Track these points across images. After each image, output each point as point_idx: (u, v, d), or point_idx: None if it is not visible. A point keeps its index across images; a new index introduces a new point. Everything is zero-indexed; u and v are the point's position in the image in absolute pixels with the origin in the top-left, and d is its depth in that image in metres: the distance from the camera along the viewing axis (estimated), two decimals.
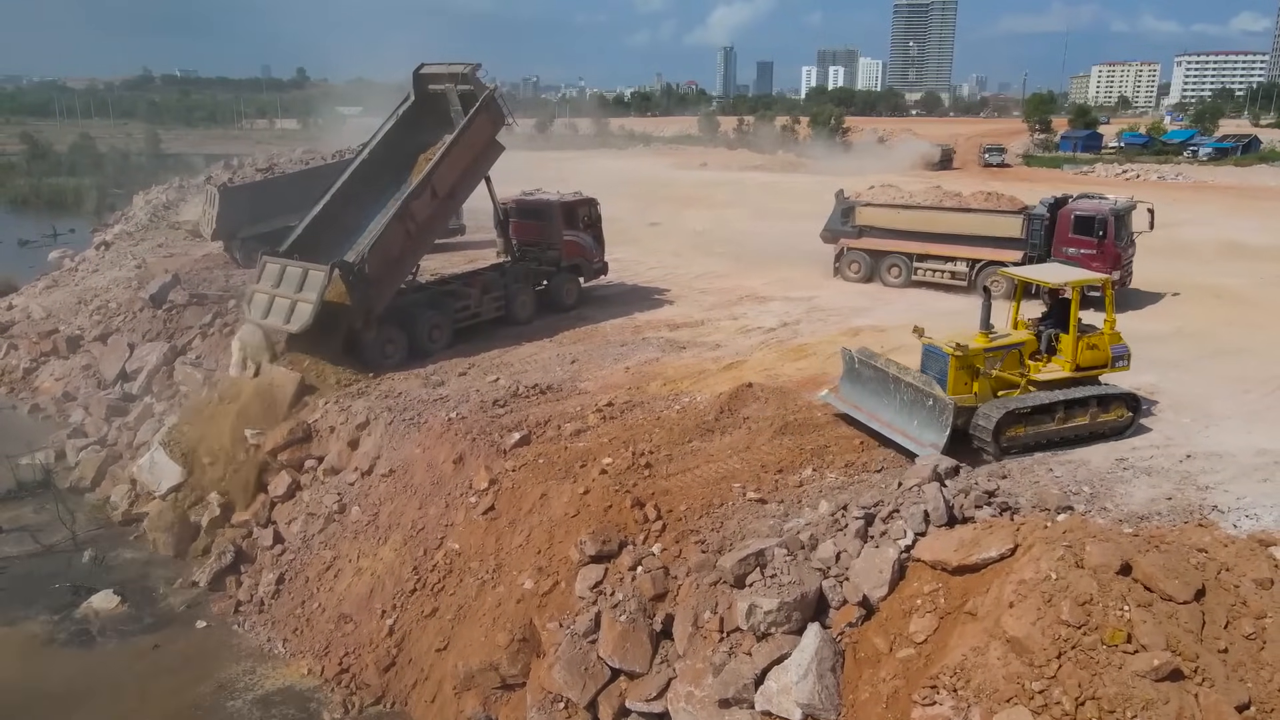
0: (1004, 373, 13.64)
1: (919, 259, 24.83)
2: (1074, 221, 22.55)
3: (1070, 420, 13.51)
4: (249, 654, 13.02)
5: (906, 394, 13.20)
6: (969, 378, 13.42)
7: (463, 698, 11.33)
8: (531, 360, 18.71)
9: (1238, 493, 12.32)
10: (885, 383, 13.65)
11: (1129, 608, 7.76)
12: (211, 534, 15.58)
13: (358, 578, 13.42)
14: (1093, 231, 22.19)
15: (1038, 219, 23.17)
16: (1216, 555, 8.61)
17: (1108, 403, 13.87)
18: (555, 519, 12.25)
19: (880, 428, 13.54)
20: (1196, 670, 7.40)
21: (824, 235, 27.05)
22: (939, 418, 12.61)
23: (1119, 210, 22.56)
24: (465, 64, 19.91)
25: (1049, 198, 23.80)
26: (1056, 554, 8.33)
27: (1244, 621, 7.91)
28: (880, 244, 25.56)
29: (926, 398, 12.81)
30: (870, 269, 25.71)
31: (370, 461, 15.09)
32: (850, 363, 14.52)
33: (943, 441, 12.43)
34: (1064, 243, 22.55)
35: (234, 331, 21.59)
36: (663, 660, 10.24)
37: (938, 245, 24.42)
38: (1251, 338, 19.64)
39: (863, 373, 14.20)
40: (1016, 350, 13.86)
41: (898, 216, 25.66)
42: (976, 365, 13.44)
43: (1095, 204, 23.13)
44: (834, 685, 8.90)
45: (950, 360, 13.25)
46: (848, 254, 26.12)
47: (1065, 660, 7.56)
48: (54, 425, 21.59)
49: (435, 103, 20.55)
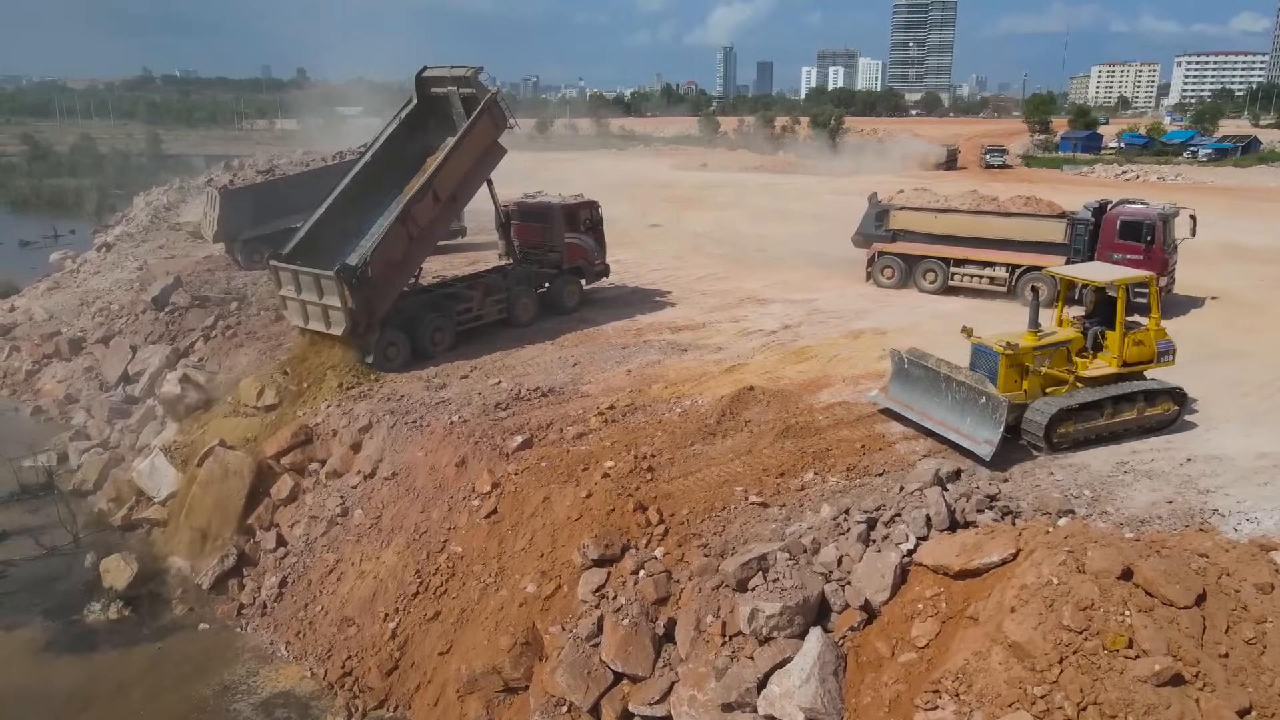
0: (1052, 370, 13.89)
1: (956, 264, 24.25)
2: (1121, 226, 22.02)
3: (1118, 415, 13.83)
4: (252, 657, 13.06)
5: (959, 392, 13.37)
6: (1019, 375, 13.67)
7: (465, 701, 11.36)
8: (533, 363, 18.74)
9: (1238, 496, 12.35)
10: (936, 382, 13.83)
11: (1130, 613, 7.80)
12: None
13: (360, 581, 13.46)
14: (1141, 236, 21.68)
15: (1082, 223, 22.63)
16: (1217, 560, 8.65)
17: (1154, 397, 14.21)
18: (558, 522, 12.28)
19: (932, 426, 13.73)
20: (1197, 675, 7.44)
21: (855, 239, 26.56)
22: (992, 415, 12.75)
23: (1166, 215, 22.20)
24: (467, 67, 19.95)
25: (1093, 202, 23.36)
26: (1058, 559, 8.37)
27: (1244, 626, 7.95)
28: (916, 248, 24.96)
29: (979, 396, 12.96)
30: (904, 274, 25.10)
31: (373, 465, 15.12)
32: (900, 363, 14.71)
33: (997, 438, 12.60)
34: (1109, 247, 21.92)
35: (236, 334, 21.71)
36: (665, 664, 10.27)
37: (976, 250, 23.87)
38: (1251, 340, 19.67)
39: (913, 373, 14.38)
40: (1064, 348, 14.09)
41: (935, 221, 25.17)
42: (1026, 363, 13.68)
43: (1143, 209, 22.65)
44: (836, 689, 8.94)
45: (1001, 359, 13.50)
46: (881, 258, 25.46)
47: (1067, 665, 7.60)
48: (56, 427, 21.63)
49: (438, 105, 20.58)
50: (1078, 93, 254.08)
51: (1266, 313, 22.34)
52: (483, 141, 19.65)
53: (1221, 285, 24.90)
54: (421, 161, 20.12)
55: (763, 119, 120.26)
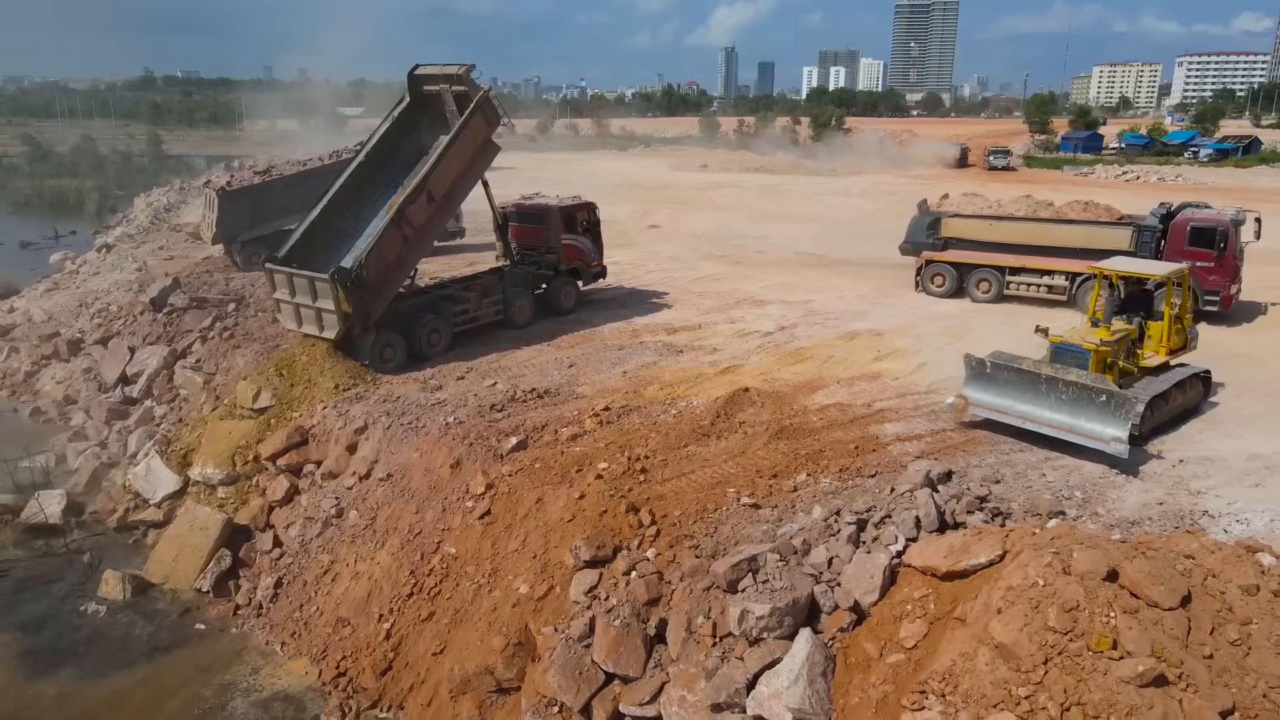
0: (1124, 363, 14.61)
1: (1012, 272, 23.67)
2: (1192, 233, 21.53)
3: (1174, 401, 14.68)
4: (248, 657, 13.13)
5: (1068, 392, 13.33)
6: (1102, 370, 14.12)
7: (458, 702, 11.42)
8: (529, 364, 18.79)
9: (1229, 498, 12.42)
10: (1036, 383, 13.73)
11: (1115, 614, 7.83)
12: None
13: (355, 582, 13.52)
14: (1213, 243, 21.24)
15: (1149, 230, 22.18)
16: (1203, 561, 8.68)
17: (1194, 381, 15.28)
18: (551, 524, 12.33)
19: (1040, 428, 13.67)
20: (1181, 676, 7.47)
21: (903, 248, 26.28)
22: (1118, 411, 12.83)
23: (1238, 220, 21.83)
24: (459, 65, 19.89)
25: (1159, 208, 23.03)
26: (1044, 560, 8.41)
27: (1229, 628, 7.99)
28: (968, 256, 24.53)
29: (1098, 394, 13.03)
30: (956, 283, 24.49)
31: (368, 466, 15.18)
32: (980, 368, 14.38)
33: (1126, 434, 12.72)
34: (1178, 254, 21.10)
35: (233, 336, 21.76)
36: (656, 665, 10.32)
37: (1034, 258, 23.35)
38: (1247, 343, 19.73)
39: (998, 376, 14.18)
40: (1128, 341, 14.90)
41: (990, 228, 24.97)
42: (1108, 358, 14.26)
43: (1215, 214, 22.14)
44: (824, 690, 8.98)
45: (1093, 355, 14.02)
46: (930, 267, 24.89)
47: (1051, 666, 7.64)
48: (55, 428, 21.69)
49: (431, 103, 20.55)
50: (1079, 93, 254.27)
51: (1265, 316, 22.40)
52: (476, 140, 19.63)
53: None
54: (416, 159, 20.08)
55: (763, 120, 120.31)
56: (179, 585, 14.86)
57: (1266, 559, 8.86)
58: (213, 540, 14.99)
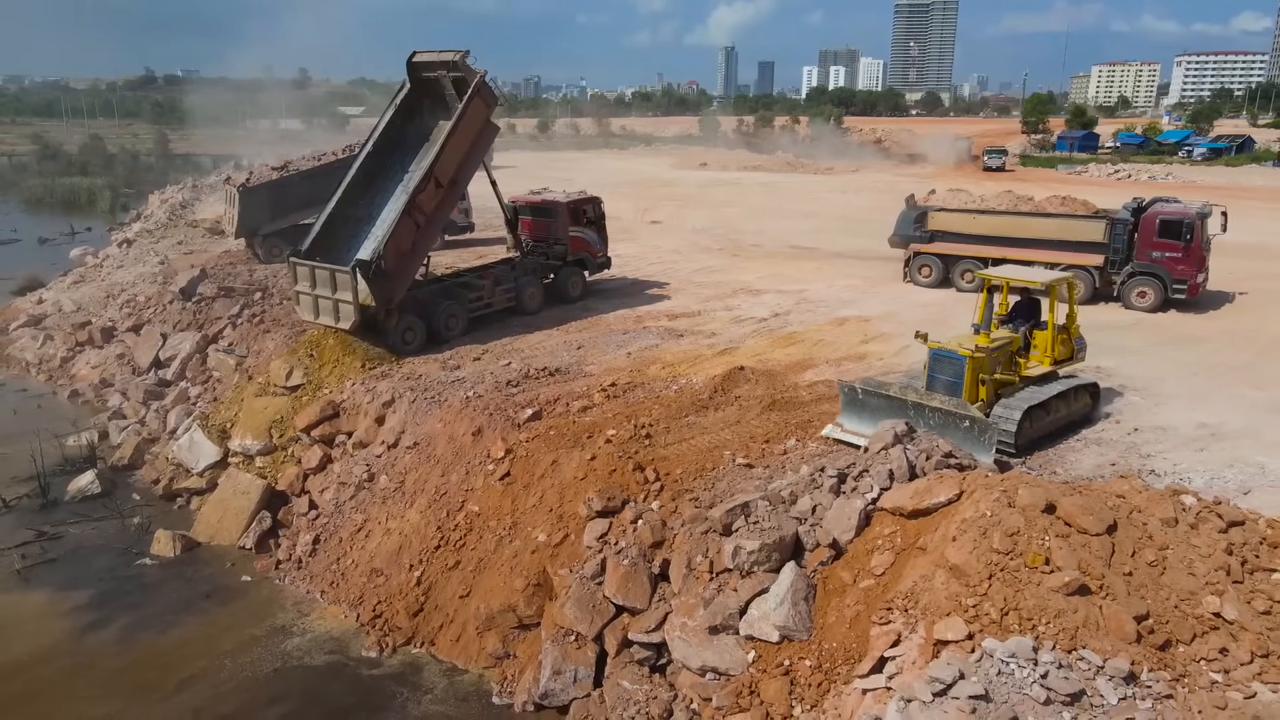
0: (1003, 373, 14.02)
1: (994, 264, 24.76)
2: (1160, 225, 22.72)
3: (1057, 412, 14.27)
4: (293, 604, 14.54)
5: (935, 417, 12.95)
6: (977, 379, 13.60)
7: (484, 637, 12.83)
8: (540, 346, 20.21)
9: (1175, 460, 13.82)
10: (904, 410, 13.19)
11: (1049, 538, 9.24)
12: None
13: (387, 537, 14.92)
14: (1180, 235, 22.45)
15: (1121, 223, 23.36)
16: (1131, 500, 10.10)
17: (1080, 392, 14.88)
18: (565, 482, 13.74)
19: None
20: (1102, 588, 8.88)
21: (892, 240, 27.59)
22: (981, 436, 12.52)
23: (1204, 213, 23.00)
24: (455, 51, 20.87)
25: (1131, 202, 24.12)
26: (993, 496, 9.83)
27: (1148, 551, 9.40)
28: (953, 248, 25.78)
29: (961, 420, 12.70)
30: (942, 273, 25.92)
31: (395, 435, 16.58)
32: (852, 395, 13.93)
33: (992, 458, 12.43)
34: (1149, 246, 22.77)
35: (263, 321, 23.17)
36: (660, 598, 11.74)
37: (1015, 250, 24.15)
38: (1206, 327, 21.13)
39: (870, 401, 13.66)
40: (1008, 349, 14.35)
41: (974, 221, 26.25)
42: (987, 367, 13.71)
43: (1181, 208, 23.42)
44: (806, 612, 10.40)
45: (968, 363, 13.43)
46: (918, 258, 26.31)
47: (995, 581, 9.04)
48: (93, 409, 23.09)
49: (430, 88, 21.58)
50: (1078, 92, 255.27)
51: (1228, 304, 23.79)
52: (476, 122, 20.68)
53: None
54: (420, 143, 21.24)
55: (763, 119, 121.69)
56: (224, 543, 16.28)
57: (1188, 499, 10.30)
58: (254, 503, 16.41)
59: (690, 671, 10.93)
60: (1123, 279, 23.24)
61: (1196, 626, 8.76)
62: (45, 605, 14.72)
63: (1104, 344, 19.51)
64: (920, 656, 8.77)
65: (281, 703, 12.23)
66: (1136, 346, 19.52)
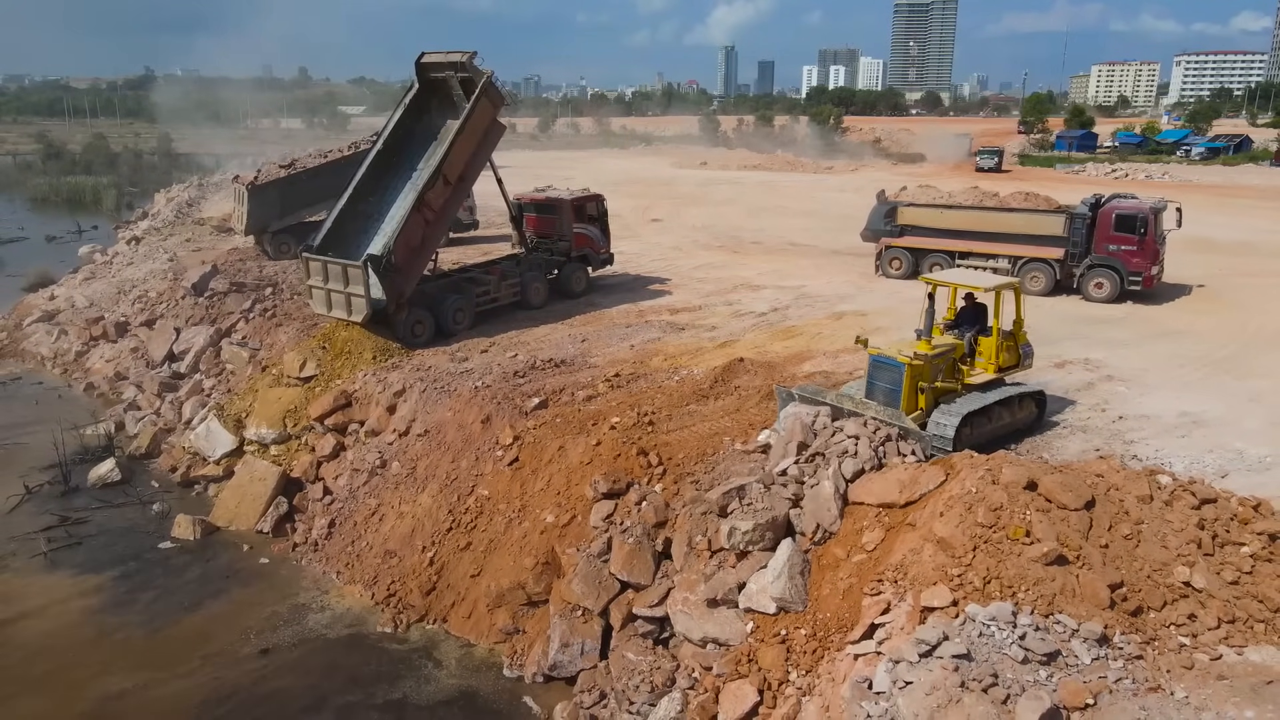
0: (944, 381, 13.55)
1: (961, 257, 25.51)
2: (1116, 220, 23.52)
3: (999, 420, 13.90)
4: (311, 583, 15.16)
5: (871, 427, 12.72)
6: (915, 387, 13.17)
7: (495, 614, 13.43)
8: (546, 339, 20.80)
9: (1157, 446, 14.38)
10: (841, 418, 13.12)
11: (1031, 513, 9.83)
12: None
13: (400, 521, 15.52)
14: (1134, 229, 23.28)
15: (1080, 218, 24.03)
16: (1110, 479, 10.68)
17: (1025, 400, 14.48)
18: (572, 466, 14.33)
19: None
20: (1079, 558, 9.46)
21: (864, 235, 28.25)
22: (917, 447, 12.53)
23: (1157, 209, 23.71)
24: (462, 52, 21.48)
25: (1089, 198, 24.99)
26: (978, 474, 10.42)
27: (1124, 525, 9.98)
28: (922, 242, 26.49)
29: (895, 430, 12.66)
30: (912, 266, 26.48)
31: (407, 424, 17.17)
32: (789, 400, 13.90)
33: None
34: (1106, 240, 23.60)
35: (275, 316, 23.75)
36: (663, 575, 12.34)
37: (980, 243, 25.13)
38: (1195, 322, 21.71)
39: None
40: (951, 356, 13.84)
41: (940, 216, 26.96)
42: (926, 374, 13.25)
43: (1135, 203, 24.21)
44: (802, 585, 10.98)
45: (907, 370, 12.99)
46: (889, 252, 27.03)
47: (978, 552, 9.62)
48: (108, 401, 23.69)
49: (438, 88, 22.16)
50: (1078, 92, 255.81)
51: (1216, 299, 24.36)
52: (483, 121, 21.27)
53: (1181, 274, 26.82)
54: (428, 141, 21.79)
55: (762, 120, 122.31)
56: (242, 528, 16.88)
57: (1164, 479, 10.87)
58: (271, 489, 17.00)
59: (692, 643, 11.53)
60: (1081, 271, 24.05)
61: (1168, 594, 9.34)
62: (71, 586, 15.32)
63: (1095, 337, 20.21)
64: (908, 623, 9.36)
65: (304, 674, 12.84)
66: (1124, 339, 20.10)
